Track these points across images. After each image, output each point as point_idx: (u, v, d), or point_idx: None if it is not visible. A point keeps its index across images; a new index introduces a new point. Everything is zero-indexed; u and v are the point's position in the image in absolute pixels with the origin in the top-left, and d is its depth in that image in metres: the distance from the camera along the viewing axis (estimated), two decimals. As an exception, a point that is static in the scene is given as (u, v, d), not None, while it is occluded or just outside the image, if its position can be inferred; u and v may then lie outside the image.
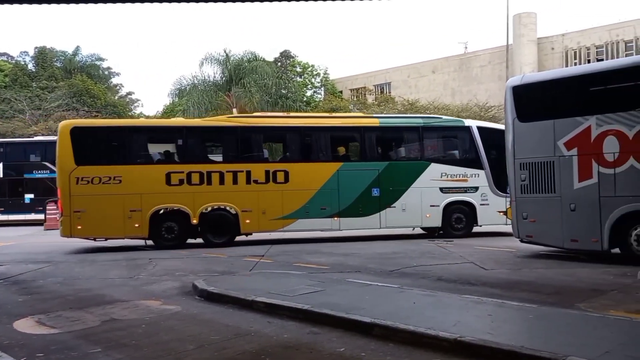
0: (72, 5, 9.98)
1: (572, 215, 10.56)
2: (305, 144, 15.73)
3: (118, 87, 54.76)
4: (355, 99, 50.97)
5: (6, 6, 10.46)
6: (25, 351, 5.47)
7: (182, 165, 14.67)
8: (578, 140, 10.50)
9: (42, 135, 29.84)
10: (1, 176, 23.86)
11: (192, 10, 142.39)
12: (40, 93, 40.88)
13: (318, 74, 53.94)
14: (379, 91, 51.66)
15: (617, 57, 32.96)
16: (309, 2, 10.53)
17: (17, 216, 24.29)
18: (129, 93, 55.09)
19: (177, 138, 15.14)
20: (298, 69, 53.25)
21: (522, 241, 11.75)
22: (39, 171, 24.89)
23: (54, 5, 10.52)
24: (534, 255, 11.63)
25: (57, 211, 22.77)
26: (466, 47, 47.59)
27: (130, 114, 46.14)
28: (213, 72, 36.77)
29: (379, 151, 15.97)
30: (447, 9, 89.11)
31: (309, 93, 52.94)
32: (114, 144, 15.00)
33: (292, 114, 22.33)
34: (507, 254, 12.10)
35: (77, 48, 51.29)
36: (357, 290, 7.89)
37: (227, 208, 14.70)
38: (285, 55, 54.10)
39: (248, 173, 14.73)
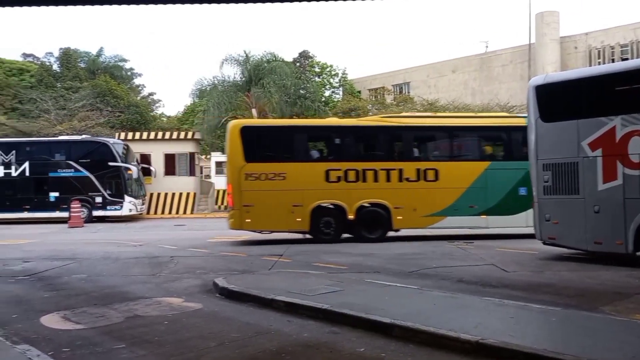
0: (97, 7, 10.24)
1: (596, 217, 10.41)
2: (455, 143, 16.13)
3: (140, 88, 55.44)
4: (373, 99, 50.89)
5: (33, 8, 10.69)
6: (51, 346, 5.59)
7: (340, 162, 15.17)
8: (602, 141, 10.34)
9: (67, 134, 30.32)
10: (27, 175, 24.10)
11: (213, 11, 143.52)
12: (64, 93, 41.56)
13: (336, 74, 53.96)
14: (398, 91, 51.47)
15: (643, 57, 32.36)
16: (328, 2, 10.54)
17: (42, 214, 24.74)
18: (151, 94, 55.74)
19: (336, 137, 15.79)
20: (316, 69, 53.33)
21: (544, 243, 11.61)
22: (64, 170, 25.29)
23: (79, 7, 10.73)
24: (557, 258, 11.48)
25: (81, 209, 23.38)
26: (487, 46, 47.30)
27: (152, 114, 46.67)
28: (233, 73, 37.13)
29: (525, 151, 16.06)
30: (468, 8, 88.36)
31: (327, 93, 52.99)
32: (279, 142, 15.68)
33: (439, 113, 22.60)
34: (528, 256, 11.97)
35: (101, 49, 52.17)
36: (377, 290, 7.88)
37: (381, 204, 15.10)
38: (304, 55, 54.20)
39: (400, 171, 15.15)
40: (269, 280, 9.01)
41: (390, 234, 15.67)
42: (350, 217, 14.99)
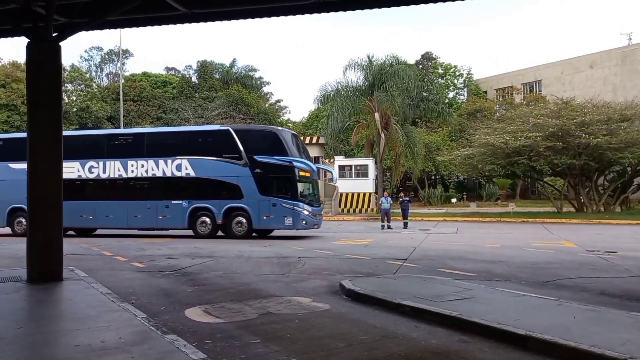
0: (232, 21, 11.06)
1: None
2: None
3: (268, 95, 58.38)
4: (501, 99, 48.70)
5: (178, 25, 11.77)
6: (195, 337, 6.07)
7: None
8: None
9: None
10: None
11: (337, 17, 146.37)
12: (202, 103, 45.02)
13: (461, 75, 52.51)
14: (528, 90, 48.79)
15: None
16: (456, 2, 10.32)
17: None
18: (278, 100, 58.49)
19: None
20: (440, 71, 52.27)
21: None
22: None
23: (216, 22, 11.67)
24: None
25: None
26: (630, 39, 43.30)
27: (278, 120, 48.82)
28: (356, 78, 37.54)
29: None
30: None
31: (451, 95, 51.72)
32: None
33: None
34: (684, 269, 10.73)
35: (234, 60, 55.85)
36: (508, 299, 7.54)
37: None
38: (427, 57, 53.42)
39: None
40: (395, 284, 9.00)
41: (516, 243, 14.87)
42: None
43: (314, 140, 33.22)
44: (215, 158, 18.71)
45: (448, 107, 44.19)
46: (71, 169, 19.40)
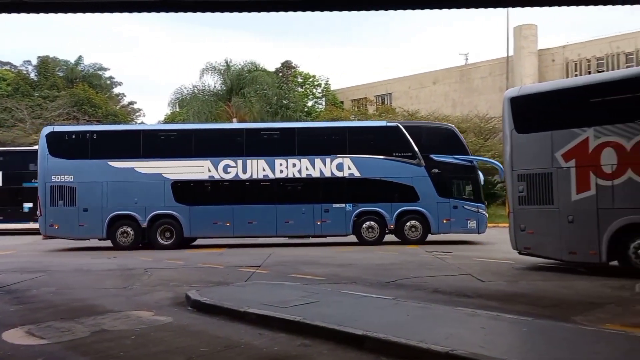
0: (77, 14, 10.19)
1: (570, 227, 10.49)
2: None
3: (120, 97, 54.90)
4: (356, 110, 51.10)
5: (15, 14, 10.53)
6: (11, 362, 5.41)
7: None
8: (576, 152, 10.46)
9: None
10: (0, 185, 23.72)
11: (194, 20, 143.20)
12: (41, 102, 40.98)
13: (319, 85, 54.08)
14: (380, 102, 51.77)
15: (617, 69, 33.01)
16: (315, 12, 10.52)
17: (15, 225, 24.20)
18: (131, 103, 55.20)
19: None
20: (299, 80, 53.39)
21: (520, 253, 11.68)
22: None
23: (60, 15, 10.67)
24: (533, 268, 11.54)
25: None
26: (467, 59, 47.76)
27: (132, 123, 46.24)
28: (213, 82, 36.91)
29: None
30: (448, 20, 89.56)
31: (310, 103, 53.03)
32: None
33: None
34: (505, 265, 12.01)
35: (80, 58, 51.46)
36: (351, 301, 7.80)
37: None
38: (287, 65, 54.21)
39: None
40: (244, 292, 8.86)
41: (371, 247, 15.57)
42: None
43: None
44: (383, 157, 17.10)
45: (306, 115, 45.27)
46: (199, 169, 16.82)
